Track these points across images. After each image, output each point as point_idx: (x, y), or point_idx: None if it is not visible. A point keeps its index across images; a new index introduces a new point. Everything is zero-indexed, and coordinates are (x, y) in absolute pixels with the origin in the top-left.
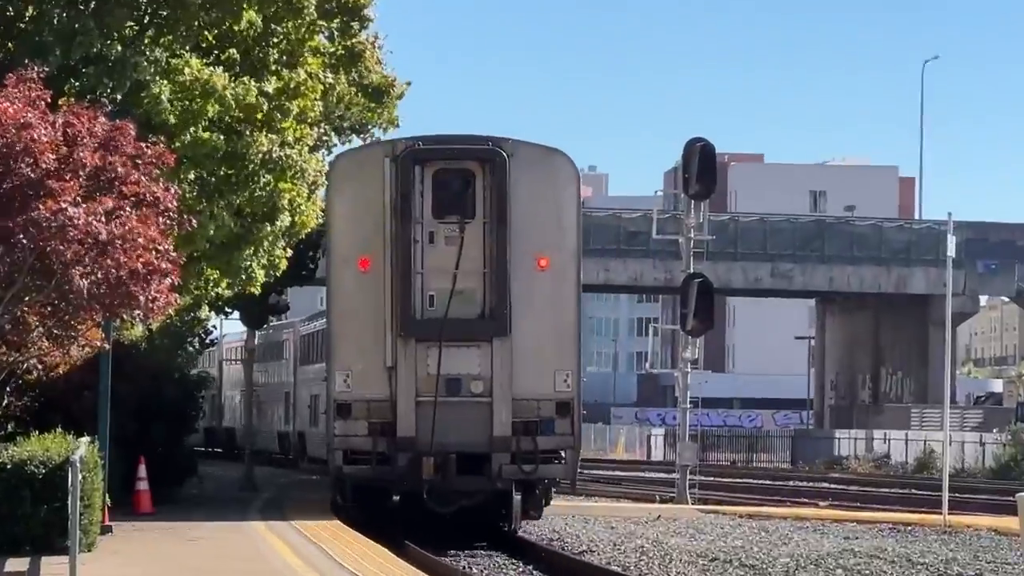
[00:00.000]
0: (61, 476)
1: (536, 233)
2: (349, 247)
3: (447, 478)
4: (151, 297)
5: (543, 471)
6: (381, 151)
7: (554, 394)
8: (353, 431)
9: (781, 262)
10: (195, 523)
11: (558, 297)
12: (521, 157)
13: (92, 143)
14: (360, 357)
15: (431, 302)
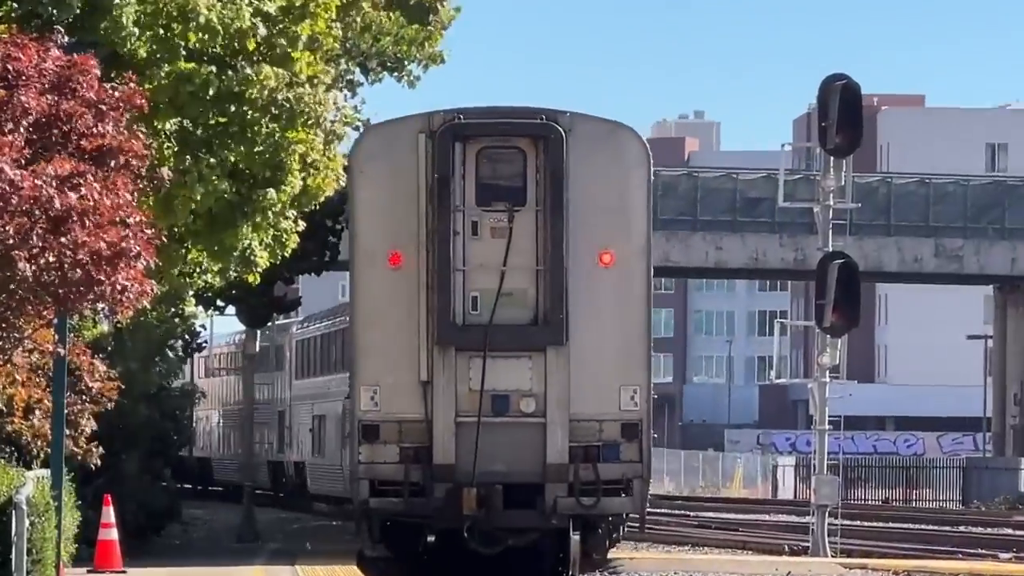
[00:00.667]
0: (2, 522)
1: (598, 223)
2: (377, 239)
3: (492, 513)
4: (119, 285)
5: (606, 505)
6: (415, 125)
7: (619, 414)
8: (381, 457)
9: (948, 237)
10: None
11: (624, 299)
12: (581, 133)
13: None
14: (390, 370)
15: (474, 305)
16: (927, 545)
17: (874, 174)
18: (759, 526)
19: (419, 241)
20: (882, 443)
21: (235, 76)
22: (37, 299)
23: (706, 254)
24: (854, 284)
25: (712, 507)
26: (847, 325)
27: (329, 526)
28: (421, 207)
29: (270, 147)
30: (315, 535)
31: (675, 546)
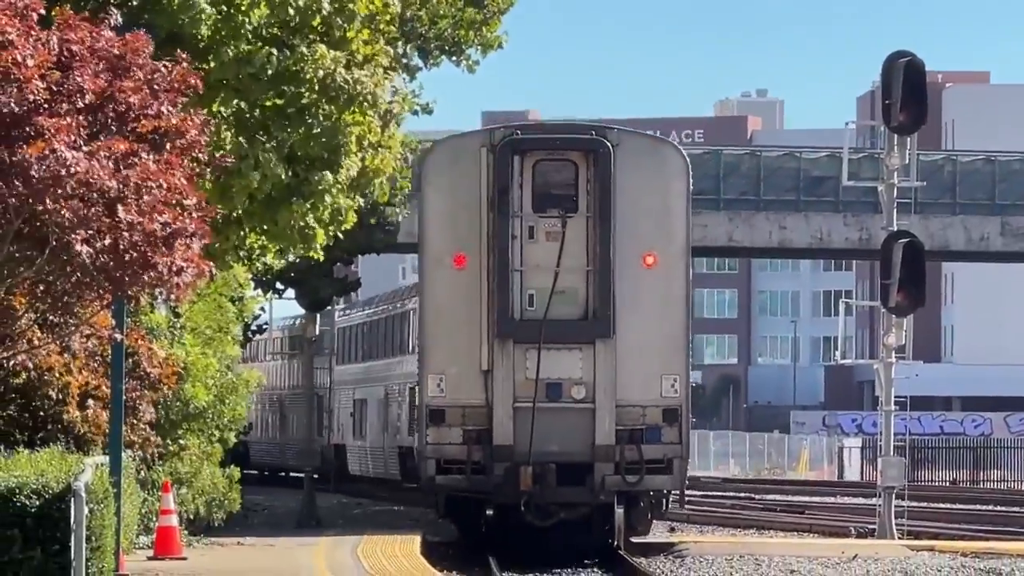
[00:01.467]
0: (61, 510)
1: (643, 229)
2: (443, 243)
3: (546, 489)
4: (175, 267)
5: (649, 482)
6: (478, 140)
7: (661, 400)
8: (447, 439)
9: (1015, 215)
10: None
11: (666, 297)
12: (627, 148)
13: (93, 65)
14: (454, 360)
15: (530, 302)
16: (995, 526)
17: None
18: (825, 508)
19: (481, 244)
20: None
21: (291, 56)
22: (94, 283)
23: (770, 234)
24: (919, 263)
25: (778, 490)
26: (913, 305)
27: (390, 511)
28: (483, 214)
29: (327, 130)
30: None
31: (740, 529)
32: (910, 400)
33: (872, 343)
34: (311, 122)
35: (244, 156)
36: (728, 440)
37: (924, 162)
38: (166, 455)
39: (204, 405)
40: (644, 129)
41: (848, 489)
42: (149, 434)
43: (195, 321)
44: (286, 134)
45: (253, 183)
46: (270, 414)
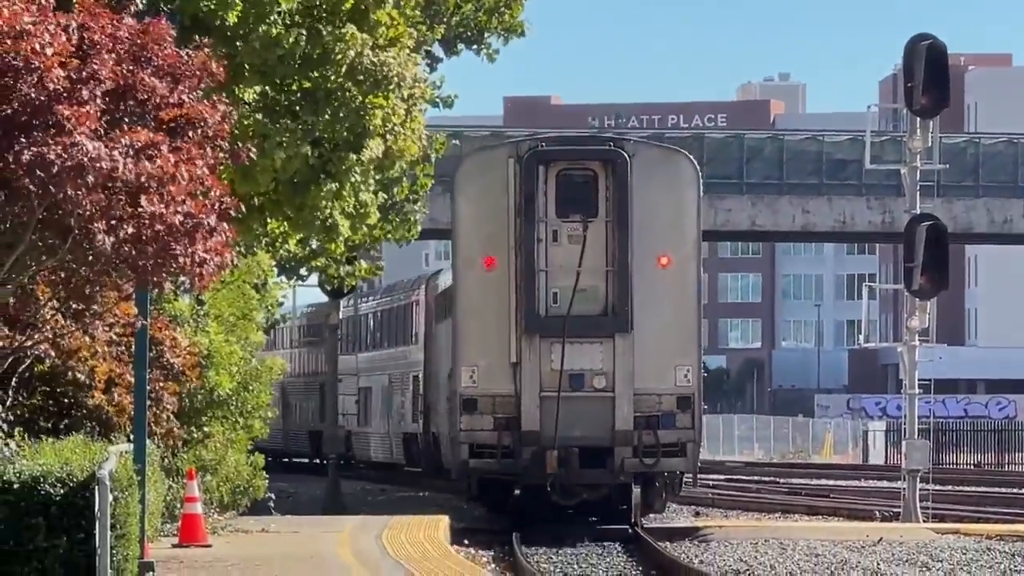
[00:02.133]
0: (85, 498)
1: (657, 232)
2: (474, 247)
3: (570, 471)
4: (197, 257)
5: (664, 464)
6: (505, 152)
7: (675, 388)
8: (479, 425)
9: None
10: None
11: (678, 294)
12: (642, 158)
13: (114, 52)
14: (485, 354)
15: (554, 299)
16: (1020, 509)
17: (962, 134)
18: (850, 492)
19: (509, 247)
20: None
21: (319, 39)
22: (116, 272)
23: (793, 217)
24: (943, 246)
25: (802, 473)
26: (936, 288)
27: (415, 497)
28: (511, 219)
29: (352, 112)
30: (400, 506)
31: (765, 514)
32: (934, 383)
33: (896, 326)
34: (337, 105)
35: (268, 135)
36: (752, 424)
37: (946, 145)
38: (190, 443)
39: (228, 393)
40: (668, 114)
41: (872, 472)
42: (173, 424)
43: (219, 308)
44: (313, 118)
45: (277, 162)
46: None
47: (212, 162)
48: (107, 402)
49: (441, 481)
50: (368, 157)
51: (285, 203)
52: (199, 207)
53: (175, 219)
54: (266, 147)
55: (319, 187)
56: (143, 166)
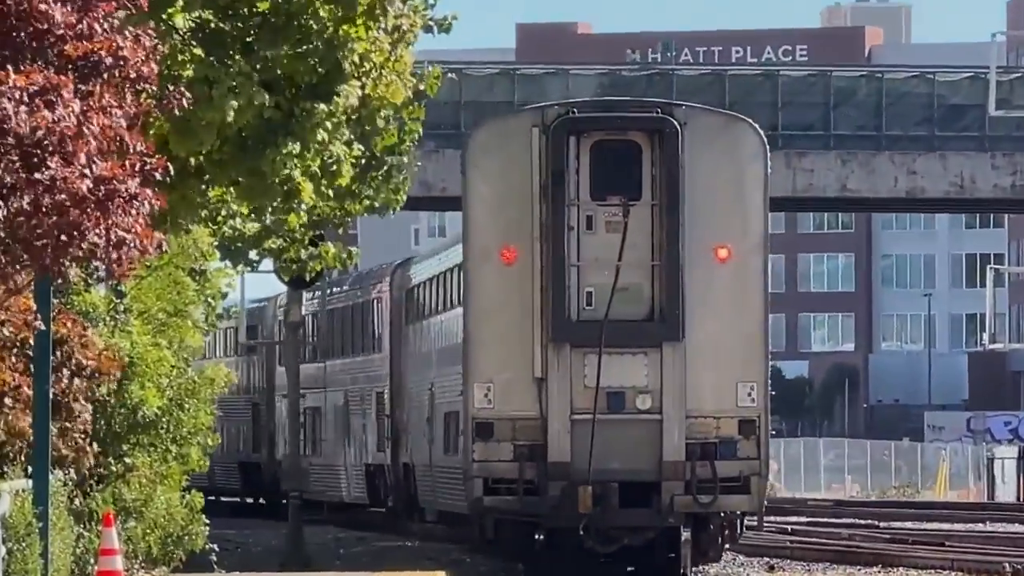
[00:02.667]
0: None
1: (714, 218)
2: (490, 235)
3: (608, 511)
4: (114, 237)
5: (723, 503)
6: (528, 120)
7: (736, 410)
8: (496, 455)
9: None
10: None
11: (741, 294)
12: (697, 126)
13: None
14: (503, 367)
15: (589, 300)
16: None
17: None
18: (972, 539)
19: (533, 236)
20: None
21: None
22: (9, 255)
23: (895, 180)
24: None
25: (909, 515)
26: None
27: (401, 547)
28: (535, 202)
29: (324, 44)
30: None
31: (861, 568)
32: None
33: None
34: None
35: (214, 81)
36: (844, 450)
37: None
38: (108, 477)
39: (156, 412)
40: (731, 46)
41: (1001, 513)
42: (84, 444)
43: (144, 302)
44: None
45: (229, 114)
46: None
47: (135, 111)
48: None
49: (418, 524)
50: (341, 106)
51: (231, 165)
52: (114, 169)
53: (83, 185)
54: (213, 94)
55: (276, 148)
56: (41, 116)
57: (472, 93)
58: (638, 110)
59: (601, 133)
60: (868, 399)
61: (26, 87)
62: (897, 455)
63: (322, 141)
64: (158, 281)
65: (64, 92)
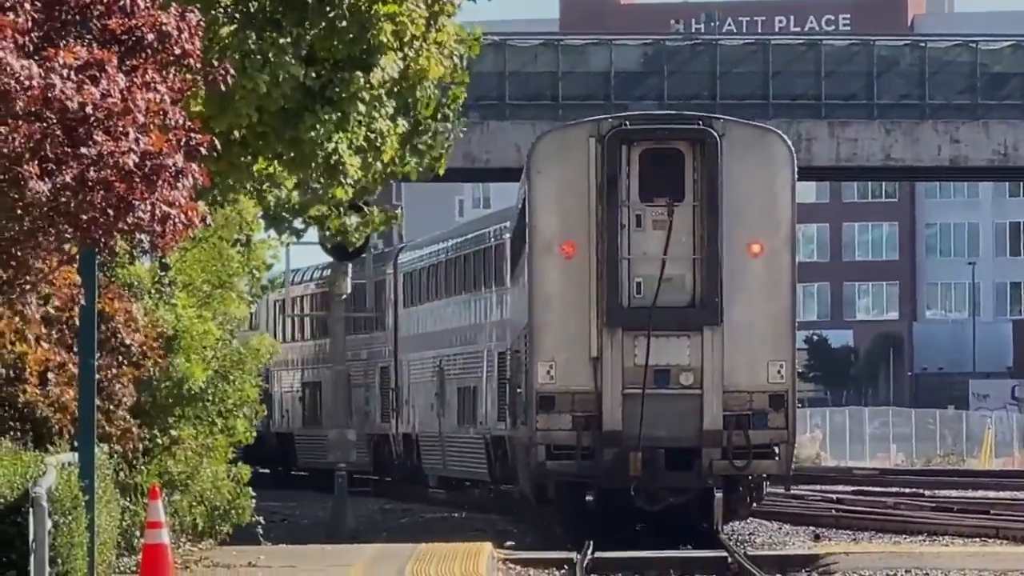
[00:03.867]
0: (17, 524)
1: (749, 218)
2: (552, 231)
3: (655, 474)
4: (159, 212)
5: (756, 467)
6: (585, 131)
7: (767, 386)
8: (557, 425)
9: None
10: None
11: (772, 284)
12: (733, 137)
13: None
14: (564, 347)
15: (638, 289)
16: None
17: None
18: (1017, 507)
19: (590, 233)
20: None
21: None
22: (54, 229)
23: (939, 149)
24: None
25: (954, 483)
26: None
27: (447, 519)
28: (591, 203)
29: (354, 21)
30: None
31: (905, 536)
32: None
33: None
34: (333, 13)
35: (248, 54)
36: (888, 419)
37: None
38: (154, 451)
39: (202, 385)
40: (774, 16)
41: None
42: (130, 424)
43: (188, 274)
44: (303, 28)
45: (262, 87)
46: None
47: (179, 86)
48: (43, 398)
49: (419, 487)
50: (379, 79)
51: (274, 136)
52: (160, 143)
53: (129, 160)
54: (247, 67)
55: (315, 116)
56: (88, 92)
57: (516, 64)
58: (682, 122)
59: (649, 142)
60: (913, 368)
61: (72, 63)
62: (942, 423)
63: (362, 113)
64: (203, 253)
65: (108, 67)
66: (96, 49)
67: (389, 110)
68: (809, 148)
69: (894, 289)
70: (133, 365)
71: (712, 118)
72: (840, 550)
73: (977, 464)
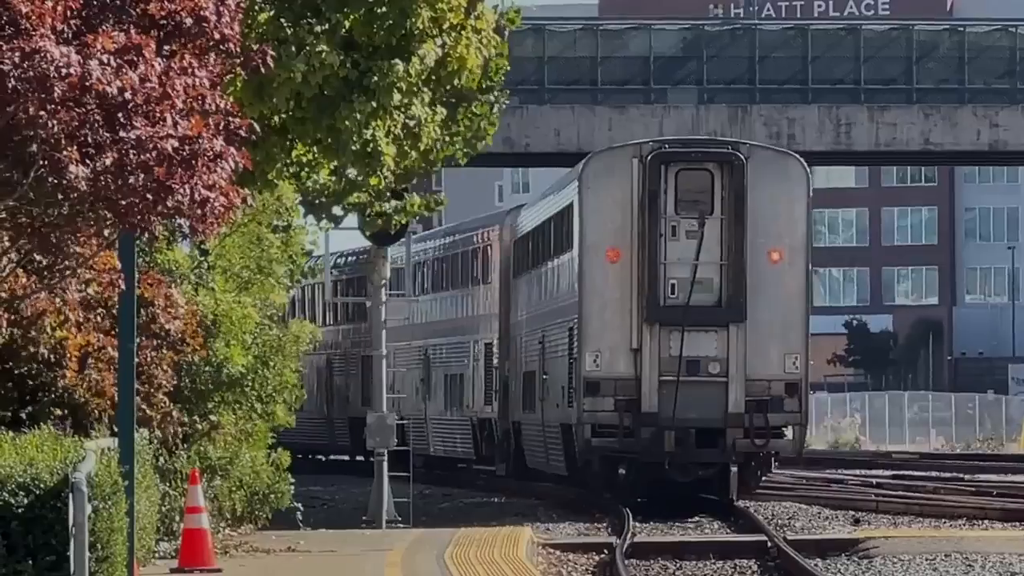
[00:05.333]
0: (57, 509)
1: (769, 229)
2: (599, 239)
3: (686, 450)
4: (198, 196)
5: (773, 445)
6: (629, 152)
7: (784, 375)
8: (601, 407)
9: None
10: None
11: (788, 287)
12: (756, 159)
13: None
14: (608, 339)
15: (673, 290)
16: None
17: None
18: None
19: (632, 241)
20: None
21: None
22: (93, 214)
23: (978, 133)
24: None
25: (994, 468)
26: None
27: (488, 504)
28: (634, 215)
29: (392, 8)
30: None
31: (945, 520)
32: None
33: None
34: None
35: (284, 41)
36: (928, 404)
37: None
38: (193, 436)
39: (241, 370)
40: (813, 0)
41: None
42: (170, 408)
43: (228, 259)
44: (341, 14)
45: (298, 76)
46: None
47: (219, 71)
48: (82, 383)
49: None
50: (417, 69)
51: (311, 123)
52: (199, 128)
53: (168, 144)
54: (282, 54)
55: (352, 105)
56: (126, 77)
57: (555, 49)
58: (712, 146)
59: (684, 163)
60: (952, 352)
61: (110, 49)
62: (981, 408)
63: (399, 102)
64: (242, 238)
65: (146, 52)
66: (134, 34)
67: (426, 98)
68: (848, 133)
69: (933, 274)
70: (173, 349)
71: (739, 143)
72: (879, 534)
73: (1016, 448)
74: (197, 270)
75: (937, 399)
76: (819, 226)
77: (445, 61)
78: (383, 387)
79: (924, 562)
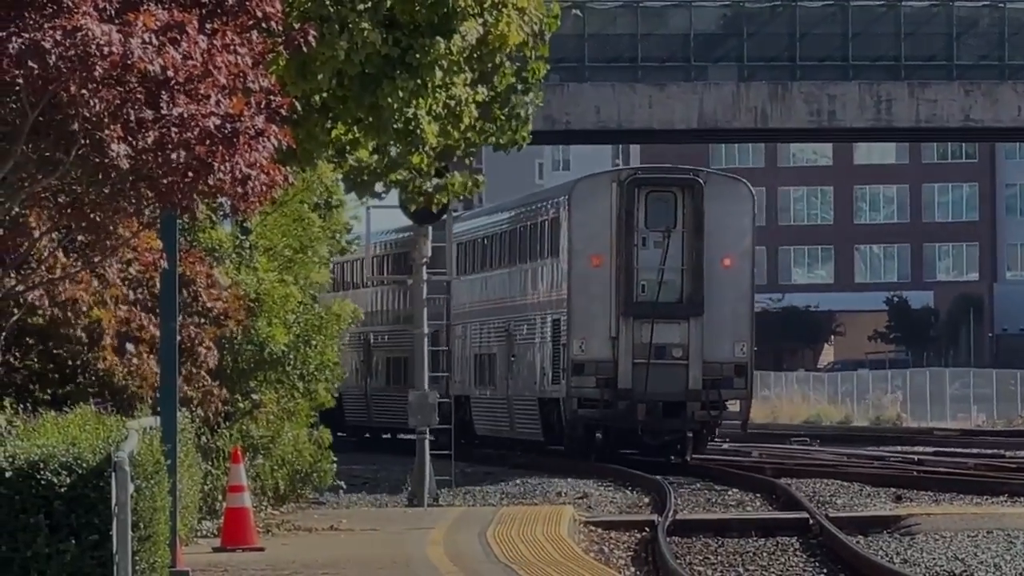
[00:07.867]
0: (99, 489)
1: (722, 240)
2: (585, 248)
3: (655, 420)
4: (240, 173)
5: (723, 416)
6: (609, 178)
7: (733, 359)
8: (585, 384)
9: None
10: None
11: (738, 287)
12: (712, 184)
13: None
14: (591, 329)
15: (644, 289)
16: None
17: None
18: None
19: (611, 250)
20: None
21: None
22: (135, 193)
23: (1019, 109)
24: None
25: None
26: None
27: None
28: (612, 228)
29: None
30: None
31: (987, 497)
32: None
33: None
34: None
35: (327, 19)
36: (969, 380)
37: None
38: (235, 415)
39: (283, 349)
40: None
41: None
42: (212, 386)
43: (269, 238)
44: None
45: (340, 54)
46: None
47: (260, 49)
48: (121, 367)
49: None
50: (459, 46)
51: (353, 102)
52: (240, 106)
53: (210, 122)
54: (325, 32)
55: (394, 83)
56: (168, 55)
57: (596, 26)
58: (676, 173)
59: (653, 187)
60: (993, 328)
61: (152, 26)
62: (1023, 384)
63: (441, 80)
64: (283, 217)
65: (188, 29)
66: (176, 12)
67: (467, 77)
68: (889, 109)
69: (974, 250)
70: (215, 324)
71: (697, 170)
72: (921, 511)
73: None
74: (239, 249)
75: (978, 375)
76: (860, 203)
77: (487, 39)
78: (424, 365)
79: (966, 539)
